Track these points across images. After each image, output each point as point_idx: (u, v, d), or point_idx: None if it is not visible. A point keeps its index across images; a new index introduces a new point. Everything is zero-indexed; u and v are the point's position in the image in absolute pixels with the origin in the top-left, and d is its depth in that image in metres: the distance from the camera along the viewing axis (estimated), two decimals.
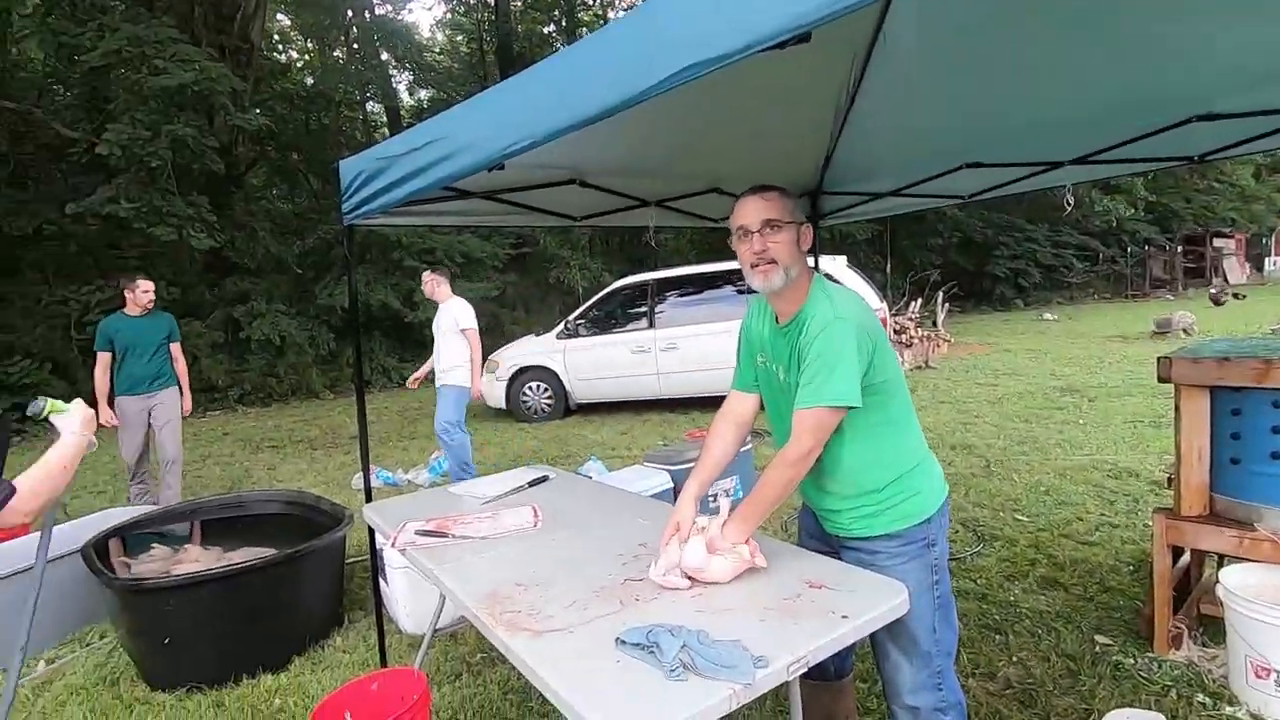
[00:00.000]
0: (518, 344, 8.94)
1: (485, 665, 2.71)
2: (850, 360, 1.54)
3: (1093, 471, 4.57)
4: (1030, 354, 10.84)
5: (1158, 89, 2.77)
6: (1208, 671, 2.29)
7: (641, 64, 1.30)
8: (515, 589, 1.66)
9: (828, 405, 1.52)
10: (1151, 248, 24.54)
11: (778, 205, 1.65)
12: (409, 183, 2.05)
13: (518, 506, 2.34)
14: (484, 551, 1.94)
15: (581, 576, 1.70)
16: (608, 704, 1.16)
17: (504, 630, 1.45)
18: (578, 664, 1.30)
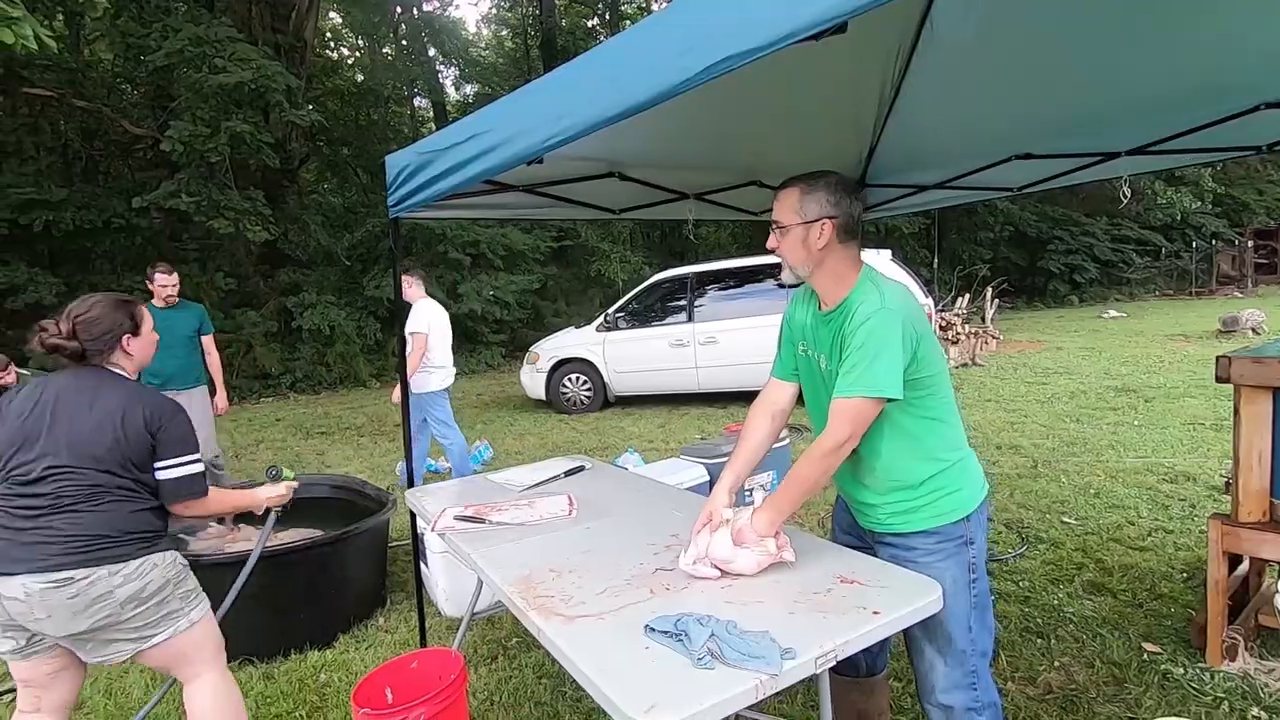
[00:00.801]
0: (558, 336, 9.03)
1: (520, 649, 2.77)
2: (894, 351, 1.52)
3: (1147, 475, 4.40)
4: (1084, 352, 10.46)
5: (1223, 75, 2.64)
6: (1264, 685, 2.20)
7: (677, 57, 1.31)
8: (549, 574, 1.69)
9: (867, 395, 1.50)
10: (1219, 242, 23.30)
11: (782, 205, 1.68)
12: (451, 176, 2.10)
13: (553, 495, 2.38)
14: (520, 538, 1.99)
15: (613, 564, 1.72)
16: (635, 689, 1.18)
17: (537, 614, 1.49)
18: (608, 649, 1.33)
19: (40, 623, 1.69)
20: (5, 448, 1.77)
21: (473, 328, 13.60)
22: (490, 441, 6.58)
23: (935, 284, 14.80)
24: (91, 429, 1.76)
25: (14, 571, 1.66)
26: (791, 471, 1.60)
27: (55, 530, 1.70)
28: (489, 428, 7.76)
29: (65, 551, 1.69)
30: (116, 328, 1.88)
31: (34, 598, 1.66)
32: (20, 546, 1.68)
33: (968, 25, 2.42)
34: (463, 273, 13.43)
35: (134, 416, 1.80)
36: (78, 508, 1.72)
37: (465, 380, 12.48)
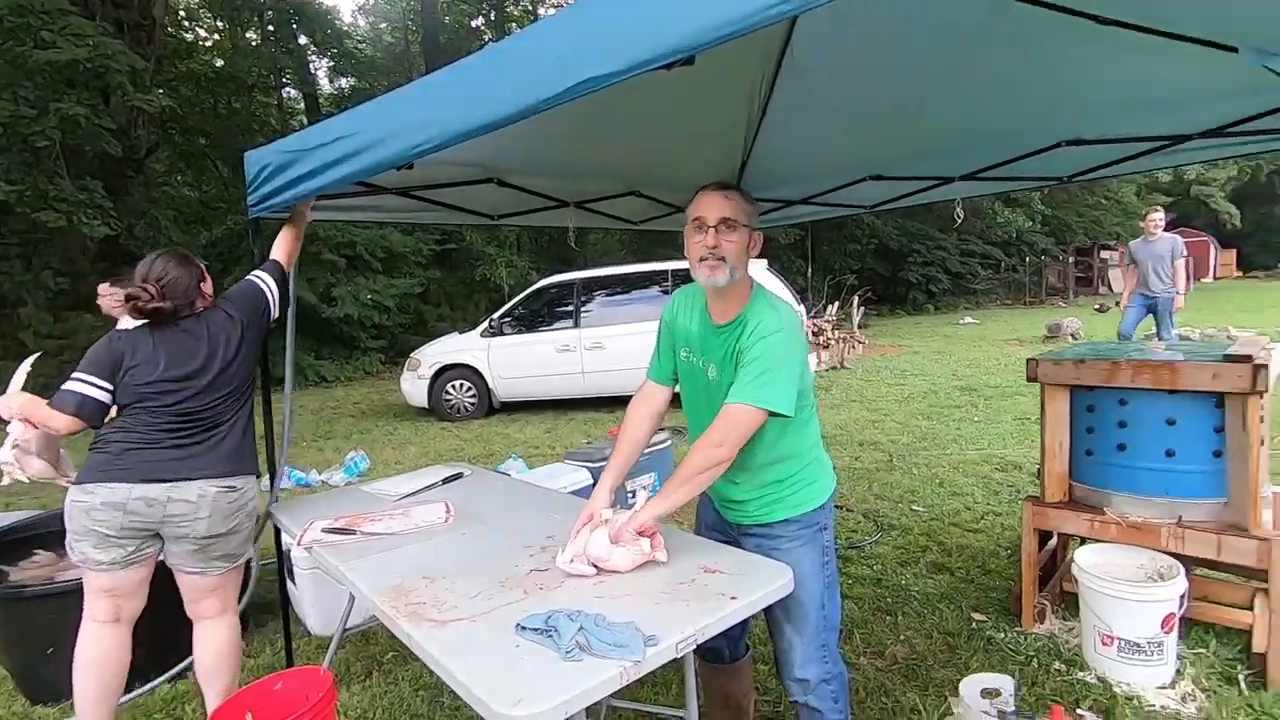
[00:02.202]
0: (440, 342, 8.79)
1: (397, 664, 2.70)
2: (791, 372, 1.63)
3: (983, 465, 4.94)
4: (937, 355, 11.49)
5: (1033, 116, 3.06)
6: (1065, 642, 2.55)
7: (542, 75, 1.36)
8: (421, 582, 1.68)
9: (760, 407, 1.59)
10: (1047, 258, 26.38)
11: (737, 205, 1.70)
12: (317, 177, 2.03)
13: (430, 503, 2.35)
14: (392, 548, 1.95)
15: (488, 569, 1.74)
16: (504, 685, 1.21)
17: (407, 621, 1.48)
18: (478, 650, 1.35)
19: (195, 523, 2.06)
20: (157, 384, 2.07)
21: (349, 333, 12.94)
22: (368, 452, 6.31)
23: (809, 292, 15.74)
24: (221, 364, 2.16)
25: (193, 477, 2.06)
26: (681, 465, 1.66)
27: (221, 446, 2.13)
28: (366, 438, 7.43)
29: (232, 462, 2.14)
30: (193, 281, 2.20)
31: (206, 498, 2.06)
32: (194, 459, 2.08)
33: (823, 56, 2.65)
34: (338, 275, 12.75)
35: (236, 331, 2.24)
36: (232, 428, 2.17)
37: (341, 389, 11.85)
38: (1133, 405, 2.42)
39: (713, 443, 1.61)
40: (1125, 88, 2.73)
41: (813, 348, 10.14)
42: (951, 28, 2.33)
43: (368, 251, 13.08)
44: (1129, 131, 3.10)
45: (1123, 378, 2.40)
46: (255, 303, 2.33)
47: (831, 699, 1.77)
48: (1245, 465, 2.24)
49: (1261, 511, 2.28)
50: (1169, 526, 2.35)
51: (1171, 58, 2.29)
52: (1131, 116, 2.96)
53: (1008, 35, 2.34)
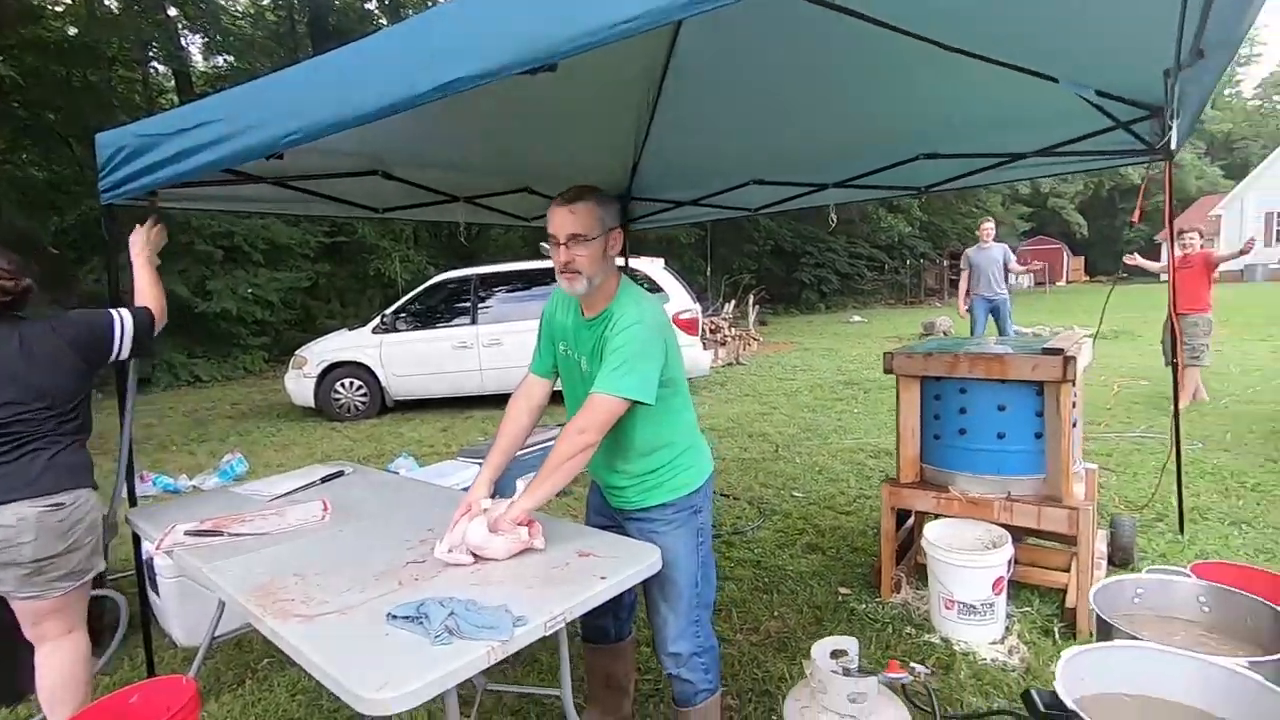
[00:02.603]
0: (328, 338, 8.40)
1: (273, 669, 2.61)
2: (652, 361, 1.72)
3: (858, 453, 5.31)
4: (825, 352, 12.15)
5: (895, 132, 3.34)
6: (916, 609, 2.82)
7: (412, 71, 1.38)
8: (291, 579, 1.66)
9: (621, 396, 1.68)
10: (925, 261, 28.41)
11: (584, 219, 1.71)
12: (177, 164, 1.94)
13: (307, 502, 2.29)
14: (263, 547, 1.90)
15: (364, 563, 1.73)
16: (369, 671, 1.23)
17: (273, 618, 1.46)
18: (347, 641, 1.36)
19: (19, 548, 1.88)
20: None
21: (227, 329, 12.10)
22: (246, 455, 5.96)
23: (709, 291, 16.20)
24: (43, 369, 1.96)
25: (5, 500, 1.87)
26: (550, 455, 1.72)
27: (36, 463, 1.93)
28: (245, 440, 7.00)
29: (54, 478, 1.95)
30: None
31: (28, 521, 1.88)
32: (4, 480, 1.89)
33: (706, 66, 2.79)
34: (213, 267, 11.89)
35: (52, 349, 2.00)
36: (53, 444, 1.97)
37: (218, 388, 11.08)
38: (971, 394, 2.71)
39: (576, 429, 1.69)
40: (971, 109, 3.05)
41: (709, 345, 10.47)
42: (821, 46, 2.53)
43: (247, 243, 12.28)
44: (975, 148, 3.46)
45: (962, 369, 2.68)
46: (95, 334, 2.09)
47: (703, 670, 1.88)
48: (1059, 445, 2.56)
49: (1073, 485, 2.62)
50: (1000, 501, 2.65)
51: (1007, 85, 2.59)
52: (979, 135, 3.30)
53: (871, 56, 2.57)
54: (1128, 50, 2.47)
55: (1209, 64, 2.26)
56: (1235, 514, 3.66)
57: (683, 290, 8.08)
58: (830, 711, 1.66)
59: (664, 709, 2.24)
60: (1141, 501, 3.81)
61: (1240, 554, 3.18)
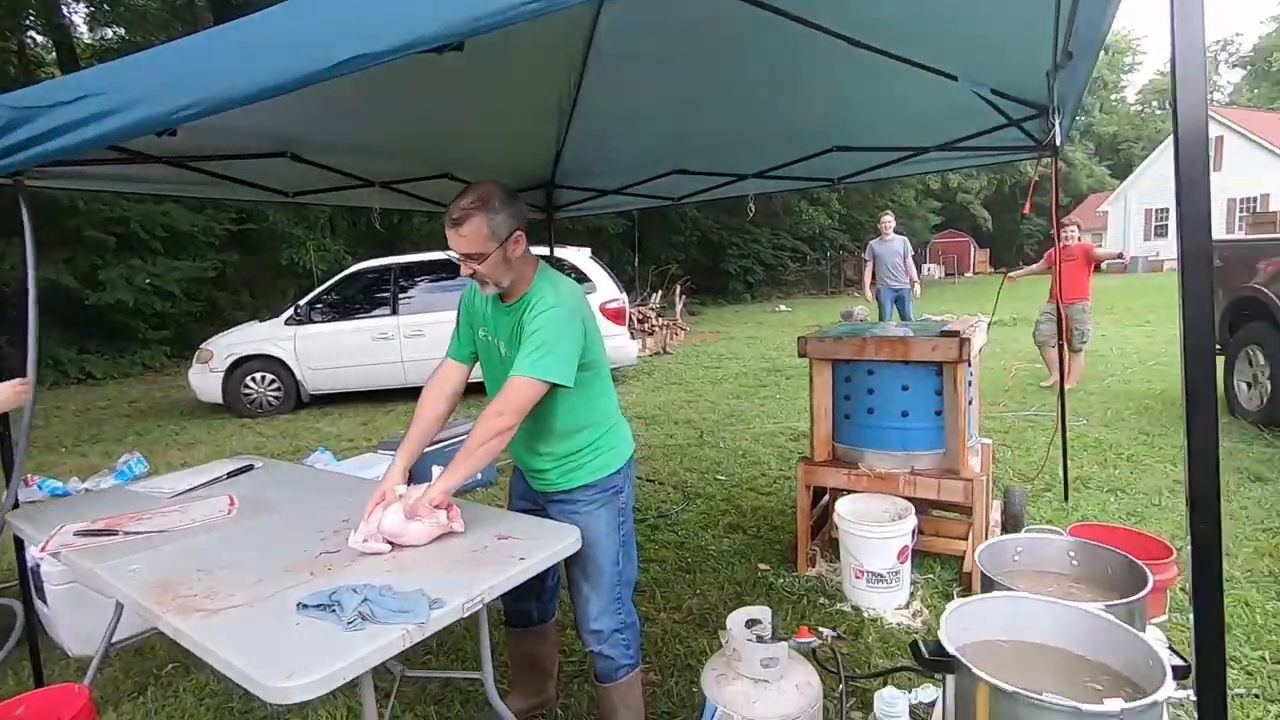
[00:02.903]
0: (237, 331, 7.97)
1: (178, 674, 2.49)
2: (570, 344, 1.73)
3: (779, 436, 5.49)
4: (749, 340, 12.46)
5: (810, 123, 3.46)
6: (830, 580, 2.96)
7: (314, 46, 1.34)
8: (195, 575, 1.59)
9: (539, 378, 1.68)
10: (844, 252, 29.46)
11: (473, 240, 1.70)
12: (54, 139, 1.80)
13: (212, 498, 2.19)
14: (163, 545, 1.81)
15: (273, 556, 1.68)
16: (278, 661, 1.21)
17: (173, 615, 1.41)
18: (254, 634, 1.32)
19: None
20: None
21: (123, 323, 11.29)
22: (146, 455, 5.60)
23: (636, 280, 16.27)
24: None
25: None
26: (468, 439, 1.71)
27: None
28: (145, 439, 6.58)
29: None
30: None
31: None
32: None
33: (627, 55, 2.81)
34: (105, 256, 11.05)
35: None
36: None
37: (114, 386, 10.34)
38: (878, 375, 2.86)
39: (494, 412, 1.69)
40: (880, 104, 3.20)
41: (637, 335, 10.55)
42: (738, 38, 2.59)
43: (144, 229, 11.46)
44: (884, 141, 3.63)
45: (870, 351, 2.82)
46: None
47: (624, 646, 1.93)
48: (957, 421, 2.74)
49: (970, 458, 2.81)
50: (905, 475, 2.81)
51: (913, 82, 2.73)
52: (886, 129, 3.47)
53: (787, 50, 2.66)
54: (1016, 52, 2.65)
55: (1078, 65, 2.46)
56: (1112, 482, 4.01)
57: (609, 280, 8.09)
58: (744, 678, 1.73)
59: (588, 688, 2.28)
60: (1032, 473, 4.12)
61: (1115, 517, 3.49)
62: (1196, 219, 1.04)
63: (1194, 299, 1.05)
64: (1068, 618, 1.29)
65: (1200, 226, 1.04)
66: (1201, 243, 1.04)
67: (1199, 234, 1.05)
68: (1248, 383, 5.15)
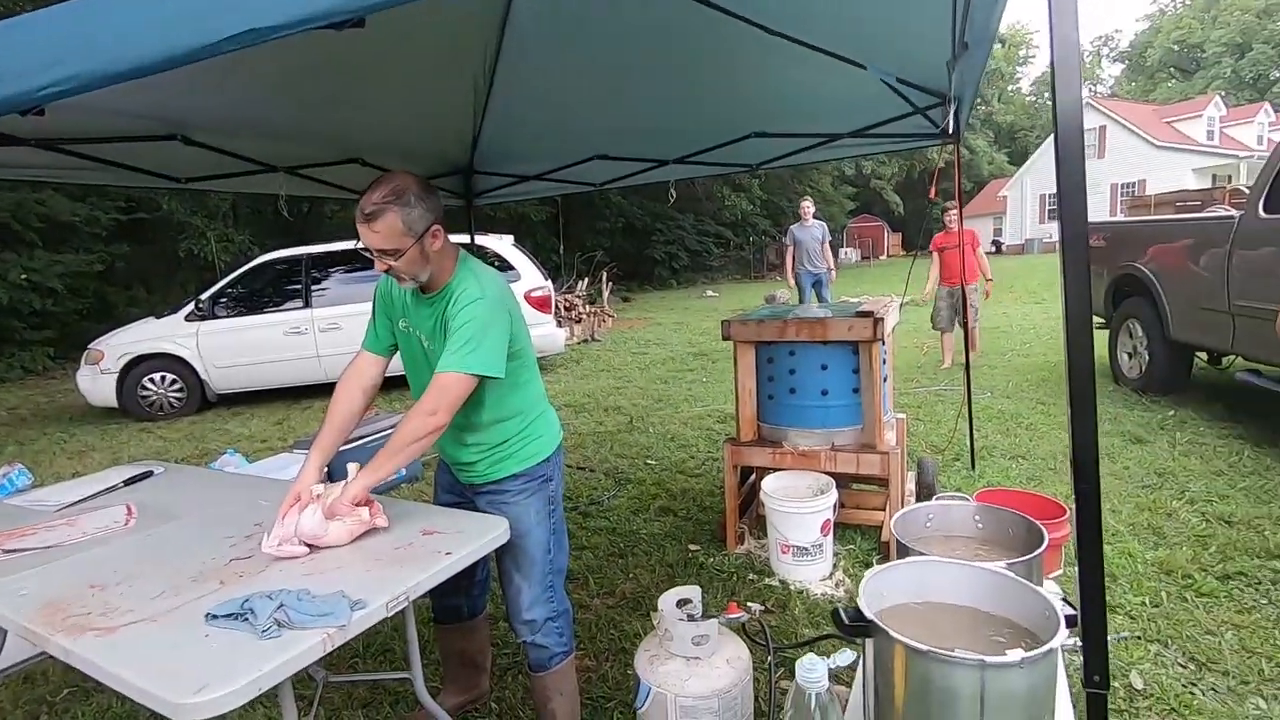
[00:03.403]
0: (131, 329, 7.41)
1: (76, 700, 2.32)
2: (497, 337, 1.69)
3: (707, 419, 5.59)
4: (676, 326, 12.60)
5: (729, 109, 3.50)
6: (758, 556, 3.05)
7: (202, 17, 1.24)
8: (87, 592, 1.48)
9: (468, 372, 1.64)
10: (766, 238, 30.16)
11: (387, 236, 1.63)
12: None
13: (107, 508, 2.04)
14: (50, 561, 1.67)
15: (177, 566, 1.58)
16: (186, 677, 1.13)
17: (64, 636, 1.30)
18: (157, 649, 1.24)
19: None
20: None
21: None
22: (30, 465, 5.14)
23: (562, 268, 16.13)
24: None
25: None
26: (395, 434, 1.66)
27: None
28: (28, 449, 6.05)
29: None
30: None
31: None
32: None
33: (539, 41, 2.76)
34: None
35: None
36: None
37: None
38: (799, 355, 2.94)
39: (426, 411, 1.64)
40: (795, 91, 3.26)
41: (564, 322, 10.48)
42: (655, 23, 2.59)
43: (17, 220, 10.46)
44: (801, 128, 3.72)
45: (790, 333, 2.91)
46: None
47: (557, 634, 1.92)
48: (873, 398, 2.86)
49: (885, 433, 2.94)
50: (826, 451, 2.92)
51: (826, 70, 2.80)
52: (802, 116, 3.55)
53: (702, 35, 2.67)
54: (919, 43, 2.76)
55: (974, 55, 2.59)
56: (1014, 449, 4.30)
57: (534, 268, 7.99)
58: (676, 656, 1.76)
59: (521, 679, 2.27)
60: (943, 445, 4.36)
61: (1017, 482, 3.74)
62: (1074, 203, 1.12)
63: (1074, 275, 1.13)
64: (973, 577, 1.38)
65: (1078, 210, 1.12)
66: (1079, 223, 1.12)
67: (1076, 215, 1.12)
68: (1128, 353, 5.61)
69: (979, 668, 1.09)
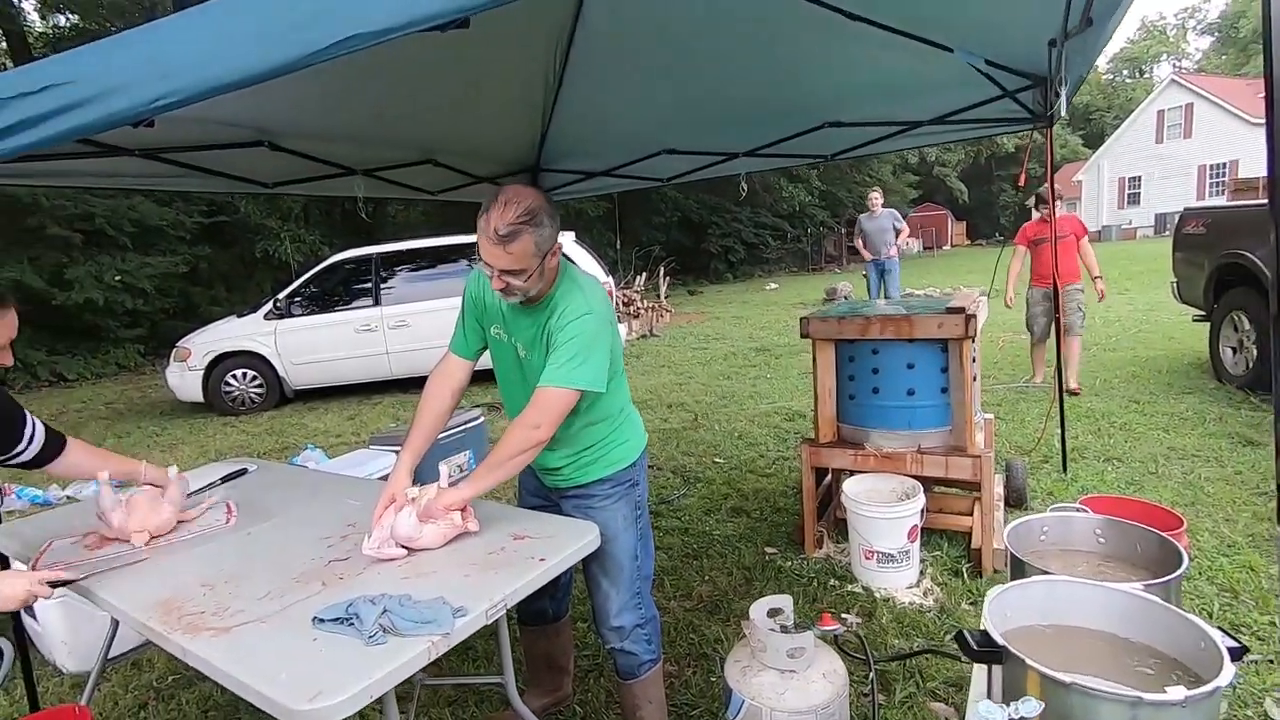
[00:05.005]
0: (215, 327, 7.78)
1: (180, 687, 2.42)
2: (603, 351, 1.67)
3: (774, 416, 5.48)
4: (735, 320, 12.43)
5: (802, 100, 3.39)
6: (838, 561, 2.95)
7: (302, 27, 1.25)
8: (199, 590, 1.52)
9: (574, 388, 1.62)
10: (825, 229, 29.52)
11: (518, 256, 1.57)
12: (20, 134, 1.67)
13: (207, 505, 2.11)
14: (162, 558, 1.73)
15: (280, 566, 1.61)
16: (299, 681, 1.15)
17: (182, 635, 1.34)
18: (270, 651, 1.26)
19: None
20: None
21: (94, 322, 10.99)
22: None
23: (619, 264, 16.16)
24: None
25: None
26: (497, 446, 1.66)
27: None
28: (125, 442, 6.42)
29: None
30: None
31: None
32: None
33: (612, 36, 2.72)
34: (72, 253, 10.72)
35: None
36: None
37: (88, 387, 10.08)
38: (882, 354, 2.82)
39: (530, 424, 1.63)
40: (873, 78, 3.13)
41: (623, 318, 10.48)
42: (727, 12, 2.51)
43: (111, 224, 11.12)
44: (877, 116, 3.57)
45: (874, 330, 2.79)
46: None
47: (645, 641, 1.89)
48: (963, 398, 2.72)
49: (975, 435, 2.80)
50: (912, 454, 2.79)
51: (905, 55, 2.67)
52: (879, 104, 3.41)
53: (777, 24, 2.58)
54: (1014, 24, 2.60)
55: (1097, 32, 2.40)
56: (1108, 451, 4.05)
57: (595, 263, 8.00)
58: (771, 669, 1.70)
59: (604, 683, 2.25)
60: (1029, 445, 4.14)
61: (1114, 487, 3.52)
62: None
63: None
64: (1108, 599, 1.27)
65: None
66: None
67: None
68: (1233, 348, 5.21)
69: (1133, 705, 1.00)
